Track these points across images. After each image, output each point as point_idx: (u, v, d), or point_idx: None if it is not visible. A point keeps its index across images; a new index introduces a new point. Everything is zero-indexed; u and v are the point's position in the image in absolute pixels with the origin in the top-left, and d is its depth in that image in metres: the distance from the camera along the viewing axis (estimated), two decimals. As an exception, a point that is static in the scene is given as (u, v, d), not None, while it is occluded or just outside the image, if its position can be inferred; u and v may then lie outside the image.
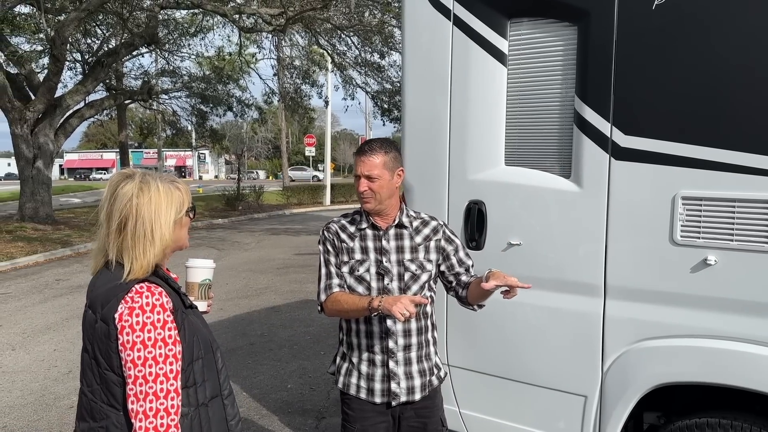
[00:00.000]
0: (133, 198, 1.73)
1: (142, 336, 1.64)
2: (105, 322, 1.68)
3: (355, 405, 2.44)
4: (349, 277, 2.41)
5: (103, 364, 1.71)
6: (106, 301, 1.70)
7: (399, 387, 2.39)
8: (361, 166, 2.35)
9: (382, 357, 2.39)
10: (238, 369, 5.73)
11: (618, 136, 2.53)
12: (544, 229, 2.75)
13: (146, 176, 1.79)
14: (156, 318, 1.66)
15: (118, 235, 1.74)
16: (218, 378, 1.87)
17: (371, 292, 2.37)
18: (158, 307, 1.67)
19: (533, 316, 2.80)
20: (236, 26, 18.15)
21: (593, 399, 2.68)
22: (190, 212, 1.87)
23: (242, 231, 17.84)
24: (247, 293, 9.00)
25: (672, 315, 2.47)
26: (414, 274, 2.41)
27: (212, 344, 1.88)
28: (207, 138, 27.80)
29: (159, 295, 1.70)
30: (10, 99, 15.31)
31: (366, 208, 2.39)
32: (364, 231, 2.43)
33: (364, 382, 2.43)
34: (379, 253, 2.40)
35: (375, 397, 2.40)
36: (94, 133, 79.44)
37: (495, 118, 2.86)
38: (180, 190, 1.83)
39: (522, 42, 2.81)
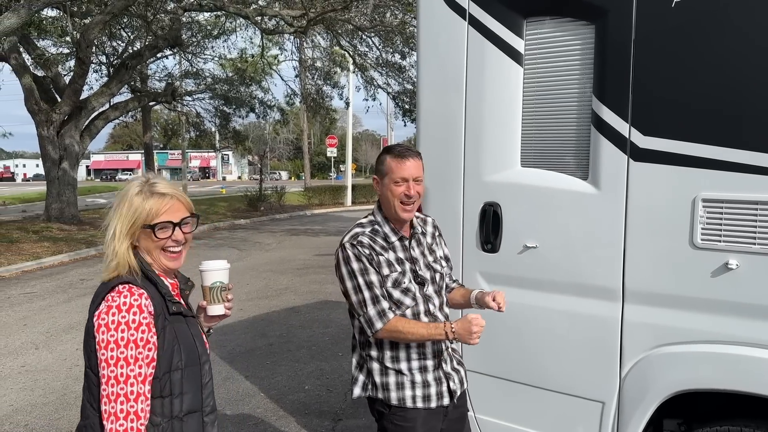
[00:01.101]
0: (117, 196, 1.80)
1: (116, 335, 1.62)
2: (90, 319, 1.70)
3: (411, 415, 2.33)
4: (395, 291, 2.31)
5: (86, 363, 1.72)
6: (95, 299, 1.72)
7: (454, 383, 2.44)
8: (408, 169, 2.29)
9: (434, 361, 2.39)
10: (256, 369, 5.75)
11: (637, 136, 2.48)
12: (561, 231, 2.70)
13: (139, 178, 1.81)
14: (131, 318, 1.63)
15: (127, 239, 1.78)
16: (201, 393, 1.81)
17: (417, 302, 2.34)
18: (135, 307, 1.65)
19: (550, 320, 2.75)
20: (258, 28, 18.27)
21: (611, 405, 2.63)
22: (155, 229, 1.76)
23: (263, 231, 17.94)
24: (267, 294, 9.03)
25: (692, 320, 2.40)
26: (441, 273, 2.48)
27: (200, 357, 1.82)
28: (230, 139, 28.05)
29: (138, 297, 1.67)
30: (37, 101, 15.58)
31: (407, 216, 2.32)
32: (391, 243, 2.37)
33: (420, 391, 2.35)
34: (411, 263, 2.39)
35: (431, 402, 2.36)
36: (120, 135, 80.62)
37: (511, 118, 2.82)
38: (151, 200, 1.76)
39: (539, 41, 2.76)
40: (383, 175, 2.35)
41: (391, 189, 2.31)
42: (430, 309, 2.38)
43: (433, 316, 2.37)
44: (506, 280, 2.84)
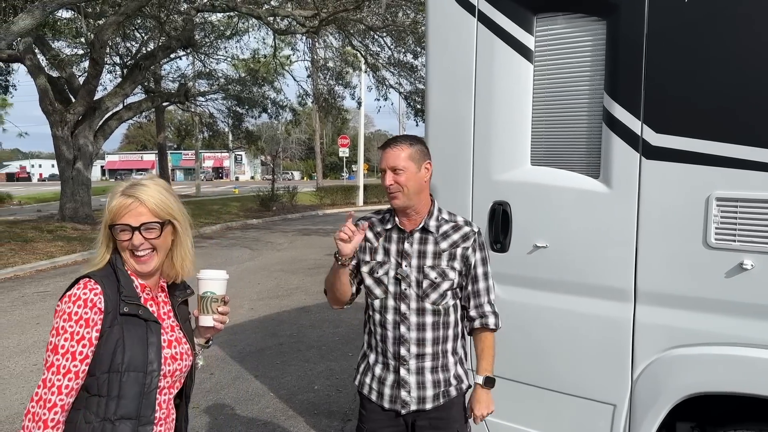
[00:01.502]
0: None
1: (58, 324, 1.65)
2: None
3: (367, 405, 2.41)
4: (368, 277, 2.36)
5: None
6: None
7: (409, 396, 2.32)
8: (385, 159, 2.27)
9: (394, 363, 2.33)
10: (266, 369, 5.74)
11: (649, 134, 2.43)
12: (572, 231, 2.66)
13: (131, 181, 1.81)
14: (74, 311, 1.65)
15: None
16: (139, 401, 1.73)
17: (388, 296, 2.32)
18: (81, 301, 1.66)
19: (560, 321, 2.71)
20: (271, 28, 18.32)
21: (622, 408, 2.58)
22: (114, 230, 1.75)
23: (275, 231, 17.98)
24: (278, 293, 9.03)
25: (706, 322, 2.35)
26: (433, 282, 2.30)
27: (148, 364, 1.74)
28: (243, 139, 28.18)
29: (89, 291, 1.68)
30: (51, 102, 15.71)
31: (394, 204, 2.29)
32: (389, 232, 2.36)
33: (375, 385, 2.38)
34: (399, 257, 2.32)
35: (384, 401, 2.35)
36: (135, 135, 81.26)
37: (521, 116, 2.78)
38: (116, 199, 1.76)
39: (549, 38, 2.72)
40: None
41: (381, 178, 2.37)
42: (401, 308, 2.30)
43: (403, 316, 2.30)
44: (516, 280, 2.80)
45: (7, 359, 6.15)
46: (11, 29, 10.34)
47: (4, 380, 5.56)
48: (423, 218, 2.33)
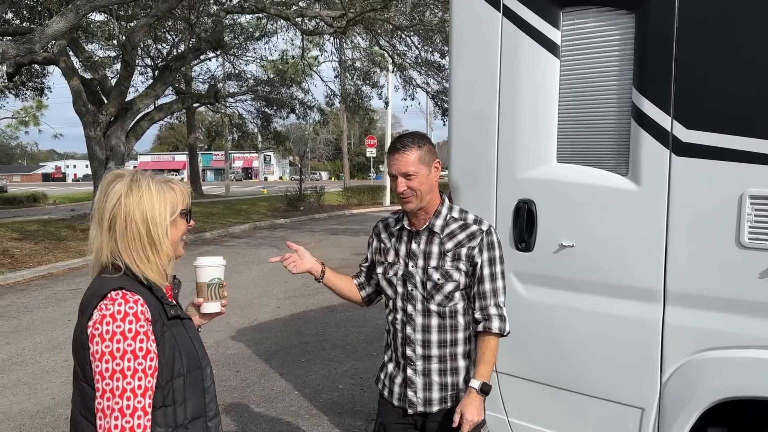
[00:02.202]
0: (122, 198, 1.63)
1: (111, 346, 1.51)
2: (81, 330, 1.59)
3: (381, 399, 2.46)
4: (381, 278, 2.39)
5: (80, 375, 1.60)
6: (85, 307, 1.60)
7: (416, 396, 2.32)
8: (395, 164, 2.22)
9: (402, 363, 2.35)
10: (291, 368, 5.75)
11: (679, 130, 2.36)
12: (599, 229, 2.59)
13: (137, 175, 1.69)
14: (127, 328, 1.52)
15: (110, 237, 1.64)
16: (203, 397, 1.73)
17: (397, 297, 2.34)
18: (131, 316, 1.54)
19: (586, 323, 2.64)
20: (299, 29, 18.42)
21: (651, 412, 2.51)
22: (185, 215, 1.73)
23: (303, 231, 18.06)
24: (304, 292, 9.06)
25: (738, 324, 2.27)
26: (436, 283, 2.26)
27: (201, 360, 1.74)
28: (271, 140, 28.43)
29: (134, 303, 1.56)
30: (84, 103, 16.01)
31: (408, 208, 2.26)
32: (400, 232, 2.37)
33: (387, 382, 2.42)
34: (407, 257, 2.31)
35: (393, 398, 2.38)
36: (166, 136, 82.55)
37: (546, 112, 2.72)
38: (174, 191, 1.71)
39: (576, 32, 2.66)
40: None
41: (392, 185, 2.32)
42: (407, 309, 2.29)
43: (409, 317, 2.27)
44: (540, 280, 2.75)
45: (39, 355, 6.28)
46: (46, 32, 10.55)
47: (36, 376, 5.67)
48: (429, 217, 2.30)
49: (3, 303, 8.85)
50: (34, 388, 5.37)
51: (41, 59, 16.34)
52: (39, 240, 13.55)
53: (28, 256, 12.02)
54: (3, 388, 5.38)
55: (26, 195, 32.19)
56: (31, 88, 21.29)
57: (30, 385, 5.43)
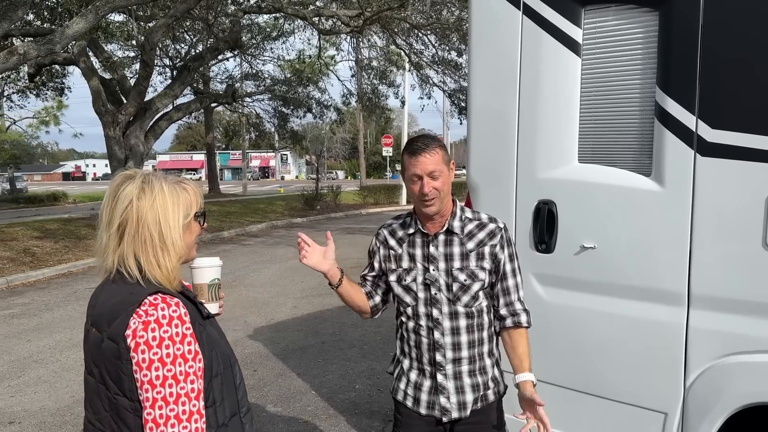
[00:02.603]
0: (133, 201, 1.56)
1: (160, 353, 1.45)
2: (113, 340, 1.50)
3: (403, 410, 2.34)
4: (396, 286, 2.29)
5: (113, 389, 1.52)
6: (113, 317, 1.52)
7: (449, 402, 2.24)
8: (420, 165, 2.15)
9: (430, 369, 2.26)
10: (308, 367, 5.75)
11: (704, 130, 2.31)
12: (622, 231, 2.55)
13: (149, 176, 1.62)
14: (174, 332, 1.47)
15: (118, 241, 1.58)
16: (236, 394, 1.71)
17: (418, 303, 2.25)
18: (176, 319, 1.49)
19: (608, 326, 2.61)
20: (315, 29, 18.44)
21: (674, 416, 2.47)
22: (199, 217, 1.69)
23: (320, 230, 18.08)
24: (321, 291, 9.06)
25: (765, 328, 2.22)
26: (463, 284, 2.22)
27: (230, 357, 1.71)
28: (288, 139, 28.50)
29: (176, 306, 1.51)
30: (104, 103, 16.16)
31: (430, 211, 2.19)
32: (412, 237, 2.28)
33: (411, 390, 2.31)
34: (426, 261, 2.24)
35: (420, 407, 2.28)
36: (185, 136, 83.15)
37: (568, 112, 2.69)
38: (188, 192, 1.65)
39: (597, 30, 2.62)
40: (402, 171, 2.26)
41: (410, 187, 2.21)
42: (433, 313, 2.23)
43: (436, 322, 2.22)
44: (561, 282, 2.71)
45: (59, 353, 6.34)
46: (66, 33, 10.66)
47: (56, 374, 5.73)
48: (446, 220, 2.25)
49: (24, 301, 8.96)
50: (54, 385, 5.43)
51: (61, 60, 16.52)
52: (59, 239, 13.72)
53: (49, 254, 12.16)
54: (24, 385, 5.45)
55: (47, 194, 32.61)
56: (51, 88, 21.54)
57: (50, 383, 5.48)
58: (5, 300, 9.06)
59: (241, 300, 8.42)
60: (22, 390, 5.34)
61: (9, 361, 6.13)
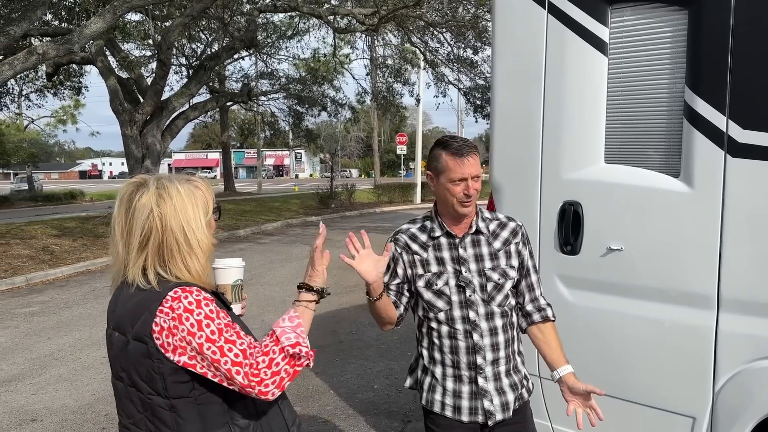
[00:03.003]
0: (153, 210, 1.54)
1: (205, 333, 1.46)
2: (140, 340, 1.51)
3: (441, 422, 2.26)
4: (426, 291, 2.22)
5: (145, 389, 1.53)
6: (136, 317, 1.52)
7: (492, 404, 2.21)
8: (468, 167, 2.11)
9: (469, 373, 2.22)
10: (326, 367, 5.75)
11: (735, 130, 2.27)
12: (649, 233, 2.51)
13: (161, 180, 1.60)
14: (207, 311, 1.49)
15: (141, 252, 1.55)
16: None
17: (452, 306, 2.20)
18: (203, 300, 1.50)
19: (635, 329, 2.57)
20: (331, 27, 18.47)
21: (703, 421, 2.43)
22: (215, 212, 1.67)
23: (334, 229, 18.10)
24: (337, 291, 9.06)
25: (799, 332, 2.18)
26: (497, 283, 2.21)
27: None
28: (302, 138, 28.55)
29: (198, 292, 1.51)
30: (121, 102, 16.30)
31: (466, 212, 2.17)
32: (437, 240, 2.24)
33: (450, 399, 2.25)
34: (456, 263, 2.21)
35: (462, 415, 2.22)
36: (200, 135, 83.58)
37: (594, 111, 2.65)
38: (201, 189, 1.63)
39: (625, 29, 2.59)
40: (439, 172, 2.17)
41: (448, 188, 2.15)
42: (469, 316, 2.19)
43: (473, 324, 2.19)
44: (587, 284, 2.68)
45: (79, 351, 6.39)
46: (84, 33, 10.74)
47: (77, 372, 5.78)
48: (471, 221, 2.23)
49: (44, 299, 9.05)
50: (75, 383, 5.47)
51: (79, 59, 16.68)
52: (77, 237, 13.84)
53: (67, 252, 12.28)
54: (45, 383, 5.50)
55: (64, 192, 32.95)
56: (69, 87, 21.77)
57: (71, 381, 5.53)
58: (25, 298, 9.16)
59: (258, 298, 8.44)
60: (43, 388, 5.39)
61: (30, 358, 6.19)
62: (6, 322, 7.71)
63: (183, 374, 1.51)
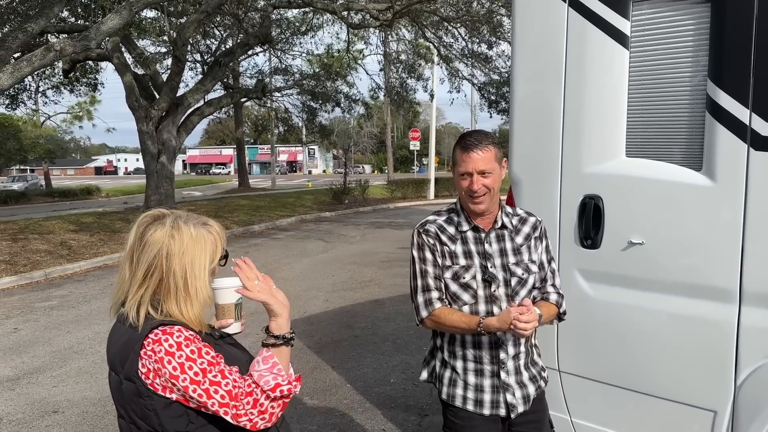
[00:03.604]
0: (162, 248, 1.57)
1: (188, 375, 1.49)
2: (130, 380, 1.54)
3: (463, 414, 2.28)
4: (453, 283, 2.23)
5: (144, 427, 1.56)
6: (124, 358, 1.55)
7: (515, 398, 2.24)
8: (473, 162, 2.14)
9: (492, 368, 2.24)
10: (342, 361, 5.78)
11: (758, 123, 2.26)
12: (671, 227, 2.50)
13: (177, 220, 1.62)
14: (189, 351, 1.50)
15: (142, 284, 1.59)
16: None
17: (477, 300, 2.21)
18: (184, 341, 1.51)
19: (657, 322, 2.57)
20: (345, 23, 18.47)
21: (724, 415, 2.42)
22: (222, 260, 1.69)
23: (348, 224, 18.15)
24: (352, 286, 9.10)
25: (823, 326, 2.17)
26: (521, 278, 2.24)
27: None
28: (316, 134, 28.61)
29: (179, 332, 1.53)
30: (137, 98, 16.42)
31: (479, 209, 2.19)
32: (465, 234, 2.25)
33: (471, 393, 2.27)
34: (483, 258, 2.22)
35: (484, 408, 2.25)
36: (214, 130, 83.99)
37: (615, 105, 2.65)
38: (213, 235, 1.65)
39: (647, 22, 2.57)
40: (454, 166, 2.25)
41: (457, 182, 2.22)
42: (493, 311, 2.20)
43: None
44: (608, 278, 2.68)
45: (98, 344, 6.47)
46: (101, 29, 10.84)
47: (96, 364, 5.85)
48: (495, 216, 2.26)
49: (63, 293, 9.16)
50: (95, 376, 5.54)
51: (95, 56, 16.83)
52: (94, 232, 13.98)
53: (85, 247, 12.41)
54: (66, 376, 5.57)
55: (80, 188, 33.30)
56: (85, 83, 21.97)
57: (91, 374, 5.60)
58: (44, 292, 9.28)
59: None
60: (64, 380, 5.46)
61: (50, 351, 6.28)
62: (26, 315, 7.82)
63: (176, 408, 1.54)
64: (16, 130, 31.87)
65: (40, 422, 4.60)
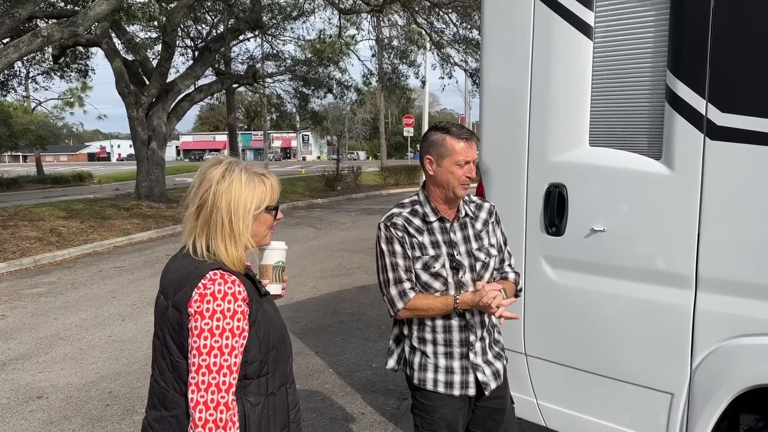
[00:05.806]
0: (213, 184, 1.68)
1: (211, 324, 1.57)
2: (177, 309, 1.63)
3: (432, 396, 2.35)
4: (423, 273, 2.29)
5: (175, 353, 1.65)
6: (179, 287, 1.65)
7: (485, 375, 2.34)
8: (471, 151, 2.25)
9: (461, 350, 2.33)
10: (326, 346, 5.86)
11: (714, 113, 2.31)
12: (631, 214, 2.57)
13: (233, 164, 1.72)
14: (227, 307, 1.59)
15: (195, 220, 1.70)
16: (287, 366, 1.82)
17: (448, 287, 2.29)
18: (230, 295, 1.60)
19: (618, 308, 2.63)
20: (336, 8, 18.39)
21: (680, 397, 2.50)
22: (272, 210, 1.78)
23: (340, 211, 18.19)
24: (340, 272, 9.17)
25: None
26: (484, 262, 2.34)
27: (283, 333, 1.82)
28: (309, 120, 28.53)
29: (232, 284, 1.62)
30: (126, 84, 16.36)
31: (462, 194, 2.30)
32: (432, 224, 2.32)
33: (442, 376, 2.34)
34: (449, 247, 2.31)
35: (454, 389, 2.33)
36: (207, 117, 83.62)
37: (579, 95, 2.70)
38: (265, 184, 1.75)
39: (609, 13, 2.62)
40: (443, 156, 2.26)
41: (452, 171, 2.25)
42: None
43: None
44: (571, 264, 2.74)
45: (85, 331, 6.53)
46: (89, 15, 10.78)
47: (82, 351, 5.91)
48: (459, 205, 2.36)
49: (51, 279, 9.20)
50: (80, 362, 5.60)
51: (84, 41, 16.71)
52: (85, 218, 13.98)
53: (75, 234, 12.42)
54: (51, 361, 5.63)
55: (72, 174, 33.14)
56: (75, 69, 21.82)
57: (76, 360, 5.66)
58: (33, 278, 9.31)
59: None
60: (49, 366, 5.52)
61: (36, 338, 6.33)
62: (14, 302, 7.86)
63: None
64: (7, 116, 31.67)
65: (24, 407, 4.66)
